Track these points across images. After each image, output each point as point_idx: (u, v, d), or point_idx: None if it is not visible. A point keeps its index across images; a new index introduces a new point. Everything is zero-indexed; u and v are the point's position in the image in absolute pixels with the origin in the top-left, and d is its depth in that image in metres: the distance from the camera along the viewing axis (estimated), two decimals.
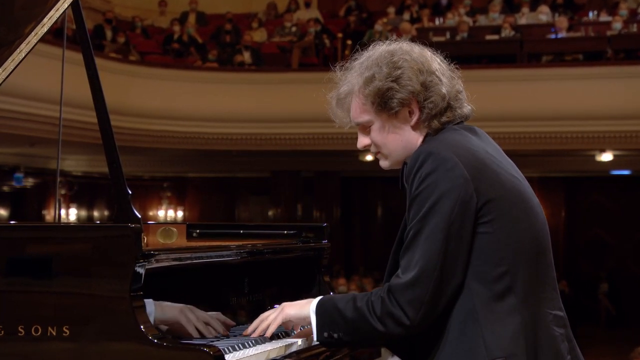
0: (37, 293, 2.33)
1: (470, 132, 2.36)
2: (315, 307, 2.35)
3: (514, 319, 2.22)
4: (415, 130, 2.36)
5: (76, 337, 2.26)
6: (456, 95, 2.37)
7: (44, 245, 2.37)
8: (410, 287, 2.20)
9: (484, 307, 2.21)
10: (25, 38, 2.63)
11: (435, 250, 2.19)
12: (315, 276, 3.24)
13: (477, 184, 2.21)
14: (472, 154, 2.25)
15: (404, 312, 2.20)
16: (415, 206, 2.23)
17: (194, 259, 2.63)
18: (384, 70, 2.32)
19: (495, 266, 2.22)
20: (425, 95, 2.32)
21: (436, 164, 2.21)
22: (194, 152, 14.30)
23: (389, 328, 2.22)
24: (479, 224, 2.22)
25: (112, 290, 2.26)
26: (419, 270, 2.19)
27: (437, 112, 2.33)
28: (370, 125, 2.39)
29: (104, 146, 2.44)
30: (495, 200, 2.23)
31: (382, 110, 2.34)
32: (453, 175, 2.20)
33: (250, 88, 13.43)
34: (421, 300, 2.19)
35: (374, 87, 2.33)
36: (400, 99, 2.31)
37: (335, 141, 13.38)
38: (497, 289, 2.21)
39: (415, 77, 2.31)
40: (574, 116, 12.27)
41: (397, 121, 2.35)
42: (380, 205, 18.38)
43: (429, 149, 2.24)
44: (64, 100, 3.10)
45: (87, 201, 18.00)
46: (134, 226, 2.29)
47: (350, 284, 13.18)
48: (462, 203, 2.19)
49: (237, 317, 2.81)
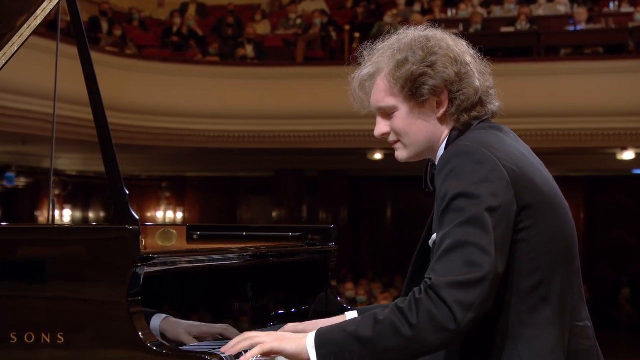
0: (30, 298, 2.33)
1: (500, 131, 2.32)
2: (314, 339, 2.14)
3: (551, 333, 2.17)
4: (442, 123, 2.31)
5: (71, 344, 2.26)
6: (487, 90, 2.33)
7: (37, 248, 2.38)
8: (462, 288, 2.06)
9: (518, 321, 2.16)
10: (18, 31, 2.63)
11: (486, 255, 2.09)
12: (322, 280, 3.24)
13: (516, 188, 2.17)
14: (508, 156, 2.21)
15: (451, 313, 2.04)
16: (455, 208, 2.15)
17: (194, 262, 2.63)
18: (418, 54, 2.28)
19: (529, 277, 2.18)
20: (458, 86, 2.28)
21: (477, 165, 2.15)
22: (194, 150, 14.31)
23: (424, 334, 2.05)
24: (516, 230, 2.17)
25: (109, 295, 2.26)
26: (471, 272, 2.07)
27: (468, 105, 2.29)
28: (394, 112, 2.33)
29: (100, 144, 2.45)
30: (532, 206, 2.19)
31: (411, 96, 2.29)
32: (497, 177, 2.15)
33: (252, 83, 13.43)
34: (472, 303, 2.06)
35: (406, 70, 2.28)
36: (432, 87, 2.27)
37: (341, 138, 13.38)
38: (531, 301, 2.17)
39: (450, 66, 2.27)
40: (593, 112, 12.25)
41: (423, 110, 2.30)
42: (389, 207, 18.37)
43: (466, 149, 2.18)
44: (58, 95, 3.10)
45: (82, 202, 18.03)
46: (132, 228, 2.29)
47: (358, 289, 13.18)
48: (506, 207, 2.14)
49: (239, 323, 2.81)
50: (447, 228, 2.14)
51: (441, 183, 2.19)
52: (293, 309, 3.11)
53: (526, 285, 2.18)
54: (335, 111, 13.00)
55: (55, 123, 3.15)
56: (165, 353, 2.20)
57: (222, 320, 2.73)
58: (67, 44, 3.41)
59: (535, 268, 2.18)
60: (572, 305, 2.25)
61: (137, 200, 17.97)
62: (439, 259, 2.12)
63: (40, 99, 10.32)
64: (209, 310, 2.70)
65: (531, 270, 2.18)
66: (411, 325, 2.07)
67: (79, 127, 10.54)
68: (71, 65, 3.38)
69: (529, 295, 2.18)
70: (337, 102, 12.87)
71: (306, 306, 3.17)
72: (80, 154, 14.50)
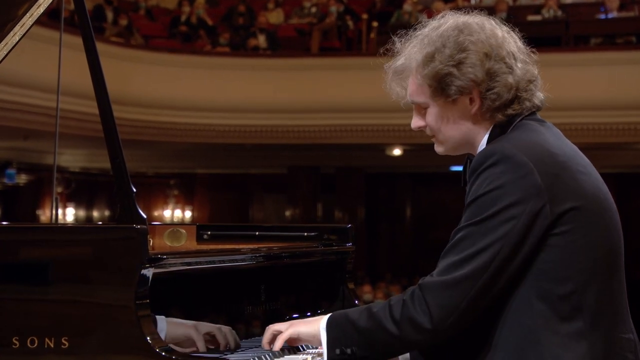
0: (32, 301, 2.34)
1: (544, 128, 2.31)
2: (326, 322, 2.32)
3: (580, 346, 2.17)
4: (477, 122, 2.32)
5: (76, 349, 2.27)
6: (527, 85, 2.31)
7: (39, 249, 2.39)
8: (448, 289, 2.17)
9: (546, 328, 2.17)
10: (19, 20, 2.64)
11: (486, 259, 2.16)
12: (339, 283, 3.24)
13: (554, 193, 2.17)
14: (551, 158, 2.21)
15: (430, 315, 2.17)
16: (474, 207, 2.19)
17: (205, 263, 2.63)
18: (446, 52, 2.27)
19: (561, 284, 2.18)
20: (488, 85, 2.27)
21: (509, 168, 2.17)
22: (204, 145, 14.33)
23: (406, 333, 2.20)
24: (551, 235, 2.17)
25: (116, 298, 2.27)
26: (463, 274, 2.16)
27: (501, 104, 2.28)
28: (426, 108, 2.36)
29: (106, 139, 2.45)
30: (573, 210, 2.18)
31: (439, 95, 2.31)
32: (526, 184, 2.16)
33: (265, 75, 13.44)
34: (455, 306, 2.16)
35: (432, 68, 2.28)
36: (459, 87, 2.27)
37: (359, 133, 13.38)
38: (562, 309, 2.17)
39: (480, 64, 2.26)
40: (626, 105, 12.19)
41: (455, 109, 2.31)
42: (409, 205, 18.35)
43: (503, 151, 2.19)
44: (61, 88, 3.11)
45: (86, 200, 18.11)
46: (140, 227, 2.30)
47: (377, 291, 13.18)
48: (530, 216, 2.15)
49: (251, 327, 2.82)
50: (461, 224, 2.21)
51: (473, 180, 2.22)
52: (308, 312, 3.11)
53: (558, 292, 2.18)
54: (352, 105, 13.00)
55: (58, 117, 3.16)
56: (174, 359, 2.21)
57: (233, 324, 2.73)
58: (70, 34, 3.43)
59: (569, 276, 2.18)
60: (617, 316, 2.24)
61: (143, 199, 18.02)
62: (442, 256, 2.24)
63: (43, 92, 10.37)
64: (220, 314, 2.70)
65: (564, 278, 2.18)
66: (395, 322, 2.22)
67: (83, 121, 10.57)
68: (75, 57, 3.40)
69: (560, 304, 2.18)
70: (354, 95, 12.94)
71: (322, 310, 3.17)
72: (85, 149, 14.56)
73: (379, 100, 14.33)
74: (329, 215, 16.91)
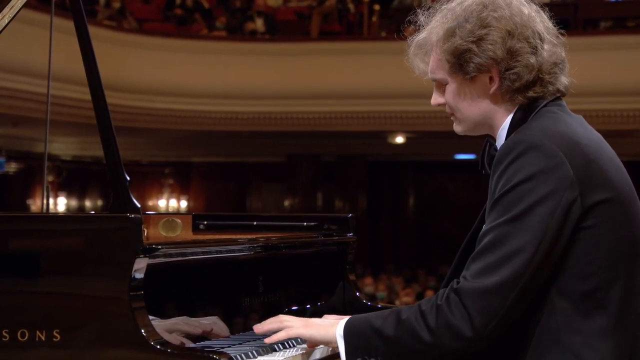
0: (23, 293, 2.35)
1: (570, 116, 2.29)
2: (343, 329, 2.26)
3: (605, 344, 2.16)
4: (497, 102, 2.30)
5: (68, 342, 2.27)
6: (551, 67, 2.30)
7: (30, 239, 2.39)
8: (488, 294, 2.11)
9: (568, 327, 2.15)
10: (8, 2, 2.64)
11: (525, 260, 2.11)
12: (339, 274, 3.24)
13: (584, 185, 2.15)
14: (579, 148, 2.19)
15: (470, 322, 2.11)
16: (505, 202, 2.15)
17: (201, 254, 2.64)
18: (467, 27, 2.26)
19: (585, 281, 2.16)
20: (508, 64, 2.25)
21: (540, 159, 2.14)
22: (200, 133, 14.33)
23: (442, 341, 2.13)
24: (579, 229, 2.15)
25: (109, 289, 2.27)
26: (502, 277, 2.11)
27: (521, 85, 2.26)
28: (446, 84, 2.34)
29: (99, 126, 2.45)
30: (601, 204, 2.16)
31: (458, 72, 2.29)
32: (559, 176, 2.13)
33: (263, 60, 13.43)
34: (496, 312, 2.11)
35: (451, 44, 2.27)
36: (478, 64, 2.26)
37: (360, 120, 13.39)
38: (585, 307, 2.16)
39: (502, 41, 2.24)
40: (637, 91, 12.18)
41: (473, 87, 2.30)
42: (412, 195, 18.34)
43: (531, 140, 2.16)
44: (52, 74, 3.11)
45: (78, 189, 18.11)
46: (134, 216, 2.30)
47: (378, 283, 13.20)
48: (564, 209, 2.13)
49: (249, 320, 2.82)
50: (492, 223, 2.16)
51: (499, 173, 2.18)
52: (308, 305, 3.12)
53: (580, 289, 2.16)
54: (353, 91, 12.99)
55: (49, 103, 3.16)
56: (169, 352, 2.21)
57: (231, 317, 2.74)
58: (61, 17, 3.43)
59: (593, 272, 2.16)
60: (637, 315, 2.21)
61: (137, 188, 18.02)
62: (474, 258, 2.17)
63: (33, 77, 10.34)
64: (216, 306, 2.71)
65: (587, 274, 2.16)
66: (430, 330, 2.15)
67: (75, 108, 10.57)
68: (66, 41, 3.40)
69: (583, 301, 2.16)
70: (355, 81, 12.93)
71: (322, 302, 3.18)
72: (77, 137, 14.56)
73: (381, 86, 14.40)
74: (329, 205, 16.92)
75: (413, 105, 12.81)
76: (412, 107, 12.89)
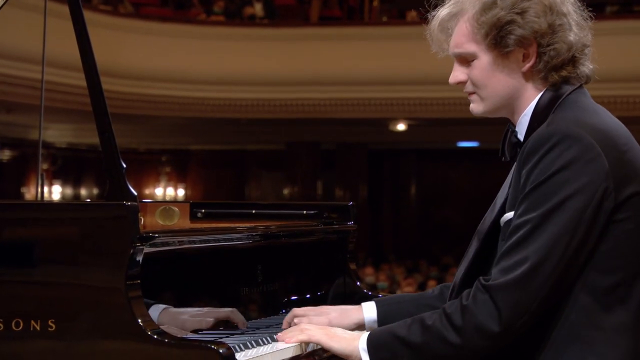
0: (17, 282, 2.35)
1: (597, 106, 2.29)
2: (367, 342, 2.27)
3: (626, 342, 2.16)
4: (528, 80, 2.28)
5: (63, 332, 2.28)
6: (582, 48, 2.29)
7: (24, 228, 2.39)
8: (519, 287, 2.12)
9: (588, 322, 2.15)
10: None
11: (557, 255, 2.11)
12: (340, 263, 3.25)
13: (618, 178, 2.14)
14: (612, 141, 2.18)
15: (499, 317, 2.12)
16: (538, 195, 2.14)
17: (199, 243, 2.64)
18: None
19: (608, 275, 2.16)
20: (549, 40, 2.24)
21: (575, 151, 2.12)
22: (197, 120, 14.33)
23: (472, 341, 2.14)
24: (610, 222, 2.15)
25: (105, 279, 2.27)
26: (535, 272, 2.12)
27: (558, 62, 2.25)
28: (473, 60, 2.31)
29: (94, 113, 2.45)
30: (633, 197, 2.16)
31: (495, 45, 2.27)
32: (594, 169, 2.12)
33: (262, 46, 13.42)
34: (527, 306, 2.12)
35: (492, 15, 2.24)
36: (520, 37, 2.24)
37: (361, 107, 13.37)
38: (607, 302, 2.16)
39: (544, 15, 2.23)
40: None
41: (506, 63, 2.28)
42: (414, 183, 18.37)
43: (566, 131, 2.15)
44: (46, 59, 3.11)
45: (73, 177, 18.12)
46: (130, 204, 2.30)
47: (379, 274, 13.21)
48: (598, 203, 2.12)
49: (248, 311, 2.83)
50: (524, 216, 2.15)
51: (533, 163, 2.16)
52: (307, 294, 3.12)
53: (603, 284, 2.16)
54: (354, 77, 12.98)
55: (43, 89, 3.16)
56: (167, 342, 2.21)
57: (229, 307, 2.74)
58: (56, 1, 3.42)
59: (617, 266, 2.16)
60: None
61: (134, 176, 18.03)
62: (505, 254, 2.16)
63: (27, 63, 10.34)
64: (214, 296, 2.71)
65: (612, 269, 2.16)
66: (458, 331, 2.16)
67: (70, 94, 10.56)
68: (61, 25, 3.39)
69: (605, 296, 2.16)
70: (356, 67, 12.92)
71: (322, 292, 3.19)
72: (72, 124, 14.55)
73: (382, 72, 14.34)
74: (329, 193, 16.93)
75: (415, 92, 12.81)
76: (414, 94, 12.89)
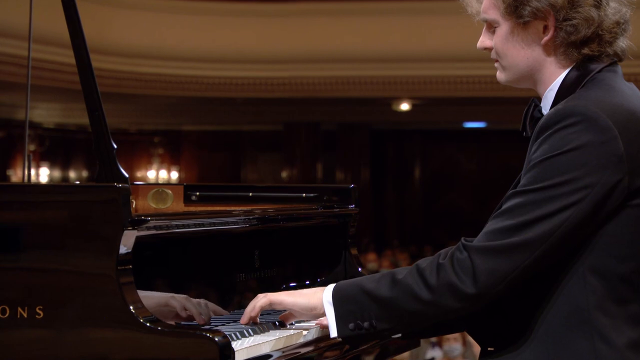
0: (3, 269, 2.35)
1: (626, 86, 2.28)
2: (332, 294, 2.30)
3: (634, 329, 2.18)
4: (549, 54, 2.29)
5: (52, 320, 2.28)
6: (613, 26, 2.27)
7: (11, 211, 2.39)
8: (501, 255, 2.16)
9: (598, 307, 2.17)
10: None
11: (549, 229, 2.14)
12: (341, 248, 3.26)
13: (635, 162, 2.15)
14: (634, 123, 2.18)
15: (474, 280, 2.15)
16: (542, 168, 2.16)
17: (193, 226, 2.64)
18: None
19: (622, 262, 2.17)
20: (566, 14, 2.24)
21: (590, 131, 2.14)
22: (191, 99, 14.32)
23: (443, 299, 2.18)
24: (627, 207, 2.16)
25: (95, 264, 2.27)
26: (520, 241, 2.15)
27: (577, 39, 2.25)
28: (497, 27, 2.34)
29: (83, 90, 2.45)
30: None
31: (511, 14, 2.29)
32: (607, 151, 2.13)
33: (258, 21, 13.39)
34: (505, 275, 2.15)
35: None
36: (535, 9, 2.25)
37: (362, 86, 13.36)
38: (619, 289, 2.17)
39: None
40: None
41: (526, 33, 2.30)
42: (418, 165, 18.38)
43: (585, 112, 2.16)
44: (33, 35, 3.10)
45: (61, 159, 18.12)
46: (121, 186, 2.30)
47: (383, 260, 13.25)
48: (605, 188, 2.13)
49: (245, 298, 2.83)
50: (522, 187, 2.18)
51: (543, 138, 2.18)
52: (307, 281, 3.13)
53: (617, 271, 2.17)
54: (355, 54, 12.96)
55: (30, 67, 3.16)
56: (160, 330, 2.21)
57: (225, 294, 2.75)
58: None
59: (632, 254, 2.18)
60: None
61: (125, 158, 18.03)
62: (494, 218, 2.21)
63: (12, 39, 10.32)
64: (210, 283, 2.72)
65: (626, 256, 2.18)
66: (429, 288, 2.20)
67: (58, 72, 10.56)
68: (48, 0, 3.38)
69: (618, 283, 2.18)
70: (357, 44, 12.90)
71: (322, 278, 3.19)
72: (60, 103, 14.55)
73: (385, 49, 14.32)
74: (330, 176, 16.94)
75: (419, 70, 12.80)
76: (418, 72, 12.88)
